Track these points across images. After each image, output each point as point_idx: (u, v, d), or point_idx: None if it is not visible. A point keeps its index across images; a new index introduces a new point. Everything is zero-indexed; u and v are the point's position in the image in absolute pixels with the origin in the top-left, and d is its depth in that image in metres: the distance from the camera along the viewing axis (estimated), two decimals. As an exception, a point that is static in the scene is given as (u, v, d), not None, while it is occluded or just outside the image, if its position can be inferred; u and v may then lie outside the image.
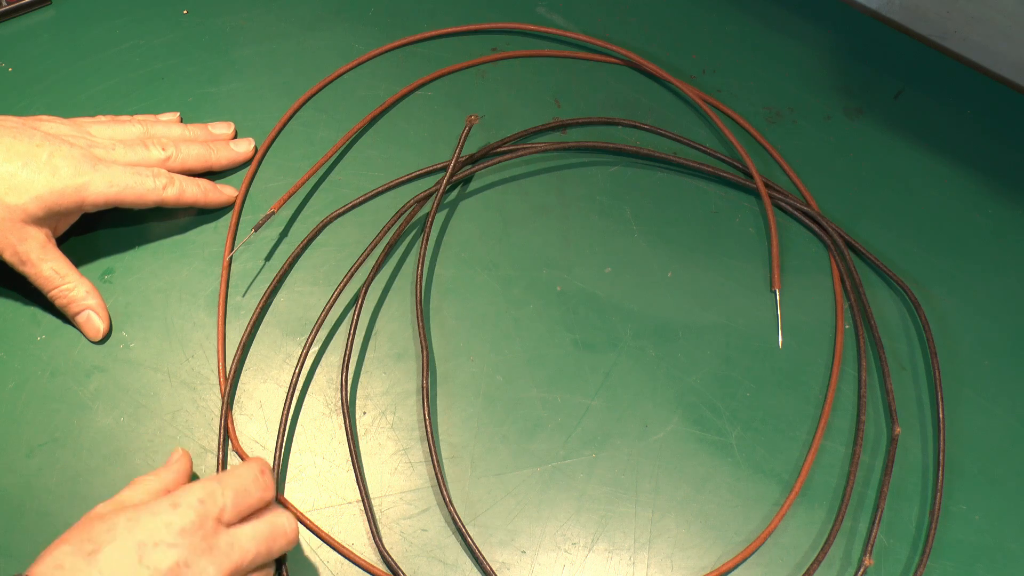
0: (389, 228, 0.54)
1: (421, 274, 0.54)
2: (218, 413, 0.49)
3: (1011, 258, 0.58)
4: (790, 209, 0.58)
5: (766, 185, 0.58)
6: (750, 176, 0.59)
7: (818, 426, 0.50)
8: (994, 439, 0.51)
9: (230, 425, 0.48)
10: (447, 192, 0.57)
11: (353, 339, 0.50)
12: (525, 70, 0.64)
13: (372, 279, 0.52)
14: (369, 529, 0.46)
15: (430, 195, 0.56)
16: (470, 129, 0.55)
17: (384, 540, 0.46)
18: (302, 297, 0.53)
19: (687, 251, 0.57)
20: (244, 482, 0.41)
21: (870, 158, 0.61)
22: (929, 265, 0.57)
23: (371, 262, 0.54)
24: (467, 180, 0.58)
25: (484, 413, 0.50)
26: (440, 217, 0.57)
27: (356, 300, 0.52)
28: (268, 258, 0.54)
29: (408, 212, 0.55)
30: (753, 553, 0.46)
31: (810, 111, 0.63)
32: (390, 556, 0.45)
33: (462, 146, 0.56)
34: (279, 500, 0.46)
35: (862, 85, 0.65)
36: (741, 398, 0.51)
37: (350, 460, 0.48)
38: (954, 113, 0.64)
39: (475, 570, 0.46)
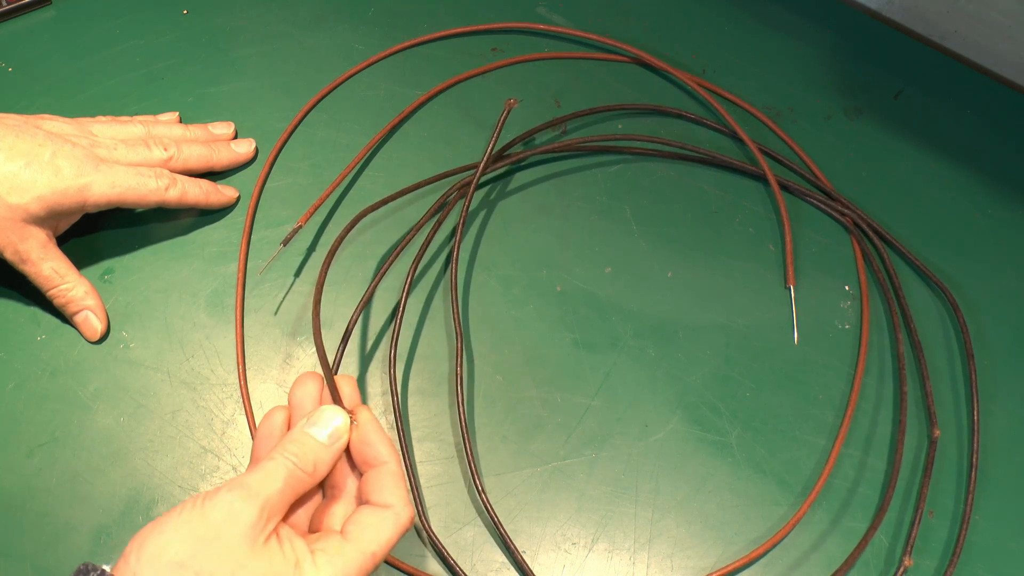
0: (432, 216, 0.55)
1: (455, 264, 0.54)
2: (218, 413, 0.49)
3: (1011, 258, 0.58)
4: (805, 195, 0.58)
5: (775, 175, 0.58)
6: (757, 164, 0.59)
7: (839, 430, 0.50)
8: (993, 439, 0.51)
9: (252, 425, 0.49)
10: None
11: (398, 335, 0.50)
12: (525, 70, 0.64)
13: (415, 271, 0.52)
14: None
15: (467, 183, 0.56)
16: (509, 112, 0.54)
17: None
18: (302, 297, 0.53)
19: (687, 251, 0.57)
20: None
21: (870, 158, 0.61)
22: (929, 265, 0.57)
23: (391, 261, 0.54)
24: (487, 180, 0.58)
25: (484, 413, 0.50)
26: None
27: (399, 301, 0.52)
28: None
29: (452, 198, 0.56)
30: (763, 555, 0.46)
31: (810, 111, 0.63)
32: (442, 545, 0.45)
33: (500, 130, 0.54)
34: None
35: (862, 85, 0.65)
36: (741, 398, 0.51)
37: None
38: (954, 113, 0.64)
39: (473, 570, 0.46)
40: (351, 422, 0.39)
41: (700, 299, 0.55)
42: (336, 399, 0.40)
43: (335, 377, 0.41)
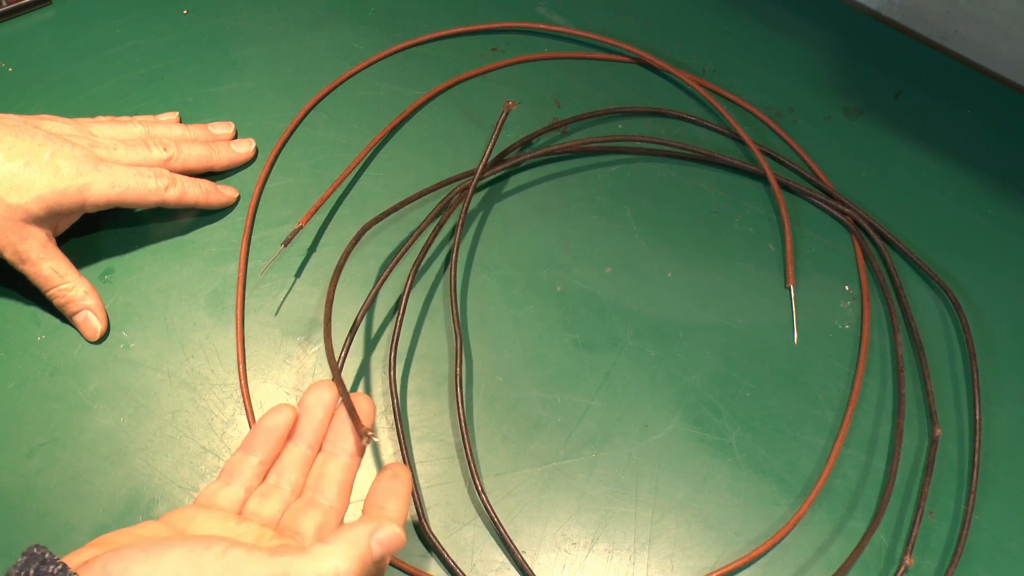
0: (432, 219, 0.55)
1: (455, 264, 0.54)
2: (218, 413, 0.49)
3: (1011, 258, 0.58)
4: (805, 194, 0.58)
5: (775, 173, 0.58)
6: (758, 164, 0.59)
7: (839, 430, 0.50)
8: (995, 439, 0.51)
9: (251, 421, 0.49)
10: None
11: (398, 335, 0.50)
12: (525, 70, 0.64)
13: (416, 273, 0.52)
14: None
15: (467, 187, 0.56)
16: (507, 114, 0.54)
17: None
18: (302, 297, 0.53)
19: (687, 251, 0.57)
20: None
21: (870, 158, 0.61)
22: (929, 265, 0.57)
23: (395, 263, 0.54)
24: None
25: (484, 413, 0.50)
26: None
27: (399, 301, 0.52)
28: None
29: (453, 200, 0.56)
30: (763, 555, 0.46)
31: (810, 111, 0.63)
32: (442, 545, 0.45)
33: (499, 133, 0.54)
34: None
35: (862, 85, 0.65)
36: (741, 398, 0.51)
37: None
38: (954, 113, 0.64)
39: (473, 570, 0.46)
40: (369, 438, 0.40)
41: (700, 299, 0.55)
42: (356, 425, 0.40)
43: (353, 395, 0.42)
